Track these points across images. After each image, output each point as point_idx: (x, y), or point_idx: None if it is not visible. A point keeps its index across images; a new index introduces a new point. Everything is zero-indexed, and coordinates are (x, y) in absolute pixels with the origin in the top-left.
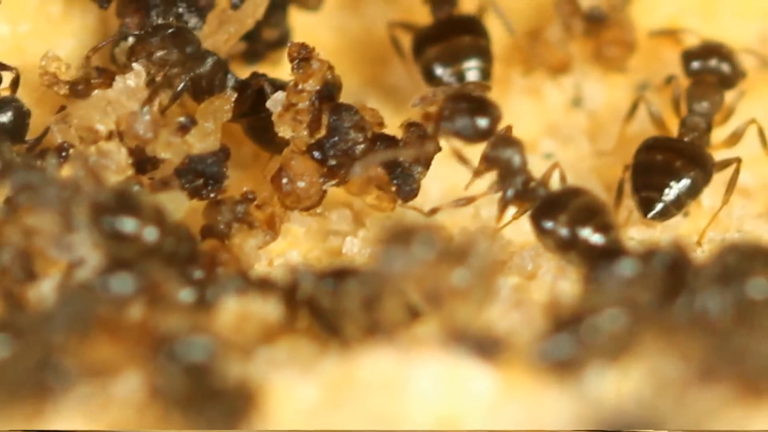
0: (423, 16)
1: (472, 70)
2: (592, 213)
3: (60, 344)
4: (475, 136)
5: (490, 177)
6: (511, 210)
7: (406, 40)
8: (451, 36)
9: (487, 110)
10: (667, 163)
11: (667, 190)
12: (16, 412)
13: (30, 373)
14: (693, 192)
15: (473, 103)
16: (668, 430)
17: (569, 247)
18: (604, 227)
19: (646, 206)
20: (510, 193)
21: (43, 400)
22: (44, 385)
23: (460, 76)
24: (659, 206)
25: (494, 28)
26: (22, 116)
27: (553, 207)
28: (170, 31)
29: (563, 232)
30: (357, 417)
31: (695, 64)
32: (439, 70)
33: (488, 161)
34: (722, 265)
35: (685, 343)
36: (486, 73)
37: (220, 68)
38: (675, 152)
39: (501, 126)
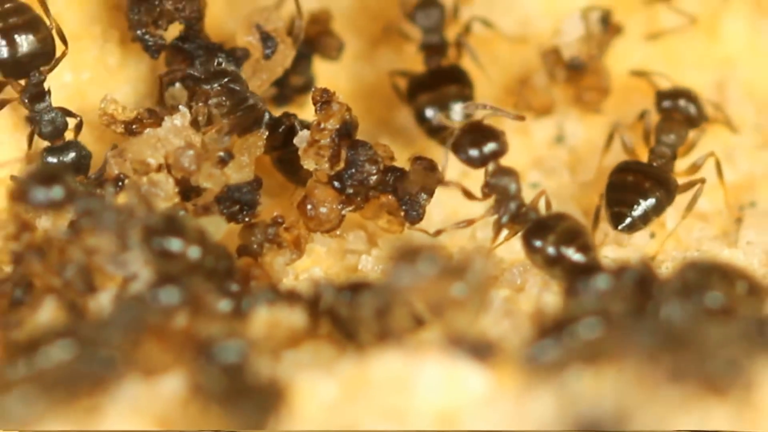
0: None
1: (457, 114)
2: (575, 235)
3: (116, 347)
4: (482, 159)
5: (488, 202)
6: (503, 232)
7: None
8: (440, 84)
9: (498, 137)
10: (636, 184)
11: (635, 207)
12: (75, 409)
13: (88, 373)
14: (658, 209)
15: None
16: (639, 427)
17: (555, 263)
18: (584, 247)
19: (616, 220)
20: (505, 217)
21: (99, 397)
22: (101, 384)
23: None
24: (628, 220)
25: (490, 75)
26: (84, 158)
27: (542, 229)
28: (227, 79)
29: (550, 250)
30: (369, 410)
31: (666, 103)
32: (429, 113)
33: (489, 188)
34: (683, 280)
35: (653, 347)
36: (468, 118)
37: (262, 109)
38: (644, 174)
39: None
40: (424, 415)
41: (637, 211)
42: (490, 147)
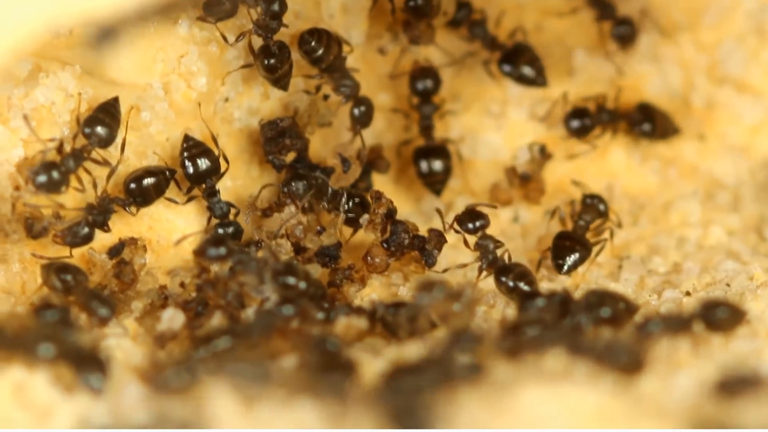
0: None
1: (440, 170)
2: (524, 275)
3: (257, 340)
4: (475, 230)
5: (475, 254)
6: (483, 273)
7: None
8: (433, 152)
9: (485, 217)
10: (571, 246)
11: (569, 257)
12: (232, 380)
13: (239, 358)
14: (581, 260)
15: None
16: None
17: (512, 291)
18: (530, 282)
19: (560, 267)
20: (485, 263)
21: (248, 373)
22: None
23: (433, 173)
24: (566, 266)
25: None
26: (239, 231)
27: (506, 271)
28: (317, 182)
29: (510, 283)
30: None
31: (589, 200)
32: (425, 168)
33: (478, 246)
34: (587, 301)
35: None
36: (448, 170)
37: (340, 197)
38: (574, 240)
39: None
40: None
41: (570, 260)
42: (480, 223)
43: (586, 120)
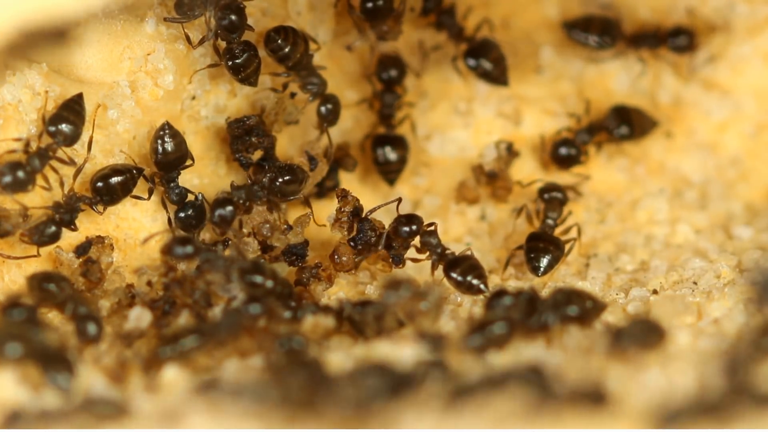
0: None
1: (395, 160)
2: (473, 268)
3: (223, 339)
4: (412, 232)
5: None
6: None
7: None
8: (390, 142)
9: (416, 221)
10: (544, 247)
11: (545, 260)
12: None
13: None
14: (555, 261)
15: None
16: None
17: (460, 285)
18: (479, 276)
19: (535, 269)
20: (435, 259)
21: (213, 368)
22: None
23: (388, 162)
24: (542, 268)
25: (445, 179)
26: (202, 211)
27: (454, 264)
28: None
29: (459, 278)
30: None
31: (546, 196)
32: (380, 156)
33: (423, 244)
34: (555, 299)
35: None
36: (404, 161)
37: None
38: (547, 241)
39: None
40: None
41: (544, 261)
42: (415, 226)
43: (572, 149)
